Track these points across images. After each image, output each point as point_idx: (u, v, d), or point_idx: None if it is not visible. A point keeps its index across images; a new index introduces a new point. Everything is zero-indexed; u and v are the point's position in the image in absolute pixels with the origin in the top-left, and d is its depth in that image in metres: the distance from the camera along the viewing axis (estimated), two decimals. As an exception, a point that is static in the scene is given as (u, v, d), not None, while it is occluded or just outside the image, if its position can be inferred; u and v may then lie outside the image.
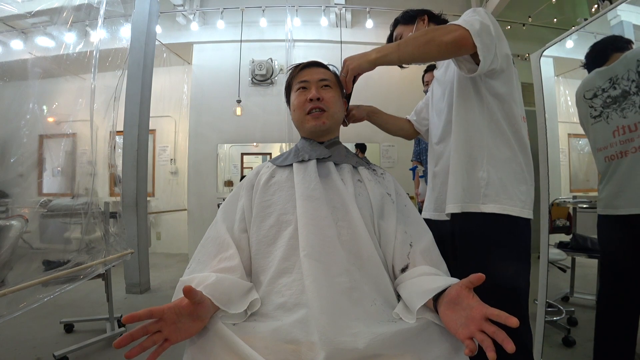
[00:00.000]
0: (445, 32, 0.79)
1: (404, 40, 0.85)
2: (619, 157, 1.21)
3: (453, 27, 0.79)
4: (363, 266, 0.70)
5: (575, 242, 2.08)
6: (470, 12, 0.85)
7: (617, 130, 1.22)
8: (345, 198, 0.75)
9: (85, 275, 1.57)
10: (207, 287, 0.60)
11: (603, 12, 1.38)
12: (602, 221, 1.29)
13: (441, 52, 0.82)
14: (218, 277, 0.64)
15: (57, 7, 1.86)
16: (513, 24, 3.94)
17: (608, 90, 1.25)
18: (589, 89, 1.32)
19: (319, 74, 0.88)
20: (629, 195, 1.18)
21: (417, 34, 0.85)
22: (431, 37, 0.80)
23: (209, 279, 0.63)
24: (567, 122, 2.84)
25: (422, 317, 0.61)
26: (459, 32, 0.78)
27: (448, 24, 0.83)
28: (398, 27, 1.11)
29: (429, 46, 0.81)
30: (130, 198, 2.70)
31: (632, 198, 1.16)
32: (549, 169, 1.41)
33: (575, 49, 2.65)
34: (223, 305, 0.60)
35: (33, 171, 1.81)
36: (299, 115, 0.86)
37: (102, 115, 1.99)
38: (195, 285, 0.58)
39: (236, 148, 4.20)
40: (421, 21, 1.08)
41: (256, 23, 3.83)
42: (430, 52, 0.82)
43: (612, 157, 1.24)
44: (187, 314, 0.56)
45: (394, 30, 1.14)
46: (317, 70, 0.89)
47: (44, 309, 1.39)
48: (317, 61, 0.92)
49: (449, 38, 0.78)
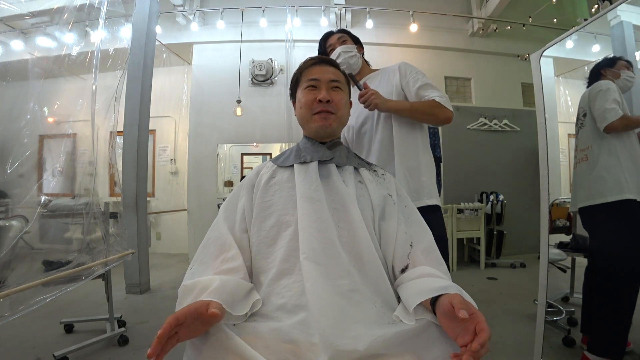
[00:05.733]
0: (440, 112, 1.14)
1: (416, 106, 1.16)
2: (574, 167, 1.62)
3: (444, 109, 1.14)
4: (363, 268, 0.70)
5: (575, 242, 2.07)
6: (422, 77, 1.21)
7: (576, 148, 1.63)
8: (346, 200, 0.75)
9: (86, 275, 1.57)
10: (213, 292, 0.60)
11: (603, 12, 1.38)
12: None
13: (434, 122, 1.20)
14: (222, 280, 0.64)
15: (58, 8, 1.86)
16: (513, 24, 3.94)
17: (578, 119, 1.63)
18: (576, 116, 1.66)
19: (330, 74, 0.87)
20: (575, 195, 1.59)
21: (425, 106, 1.15)
22: (434, 113, 1.15)
23: (212, 284, 0.63)
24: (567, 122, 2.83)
25: (422, 317, 0.61)
26: (448, 115, 1.15)
27: (437, 104, 1.14)
28: (344, 34, 1.33)
29: (430, 117, 1.17)
30: (130, 198, 2.70)
31: (578, 197, 1.57)
32: (549, 169, 1.41)
33: (575, 49, 2.65)
34: (228, 307, 0.60)
35: (33, 171, 1.81)
36: (306, 114, 0.86)
37: (103, 116, 1.99)
38: (199, 291, 0.60)
39: (236, 148, 4.20)
40: (360, 46, 1.36)
41: (256, 23, 3.83)
42: (429, 121, 1.20)
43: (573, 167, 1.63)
44: (202, 320, 0.57)
45: (334, 34, 1.33)
46: (329, 69, 0.88)
47: (44, 309, 1.39)
48: (329, 58, 0.91)
49: (443, 117, 1.15)
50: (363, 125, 1.27)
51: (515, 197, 3.75)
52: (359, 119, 1.28)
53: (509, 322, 2.06)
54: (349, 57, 1.27)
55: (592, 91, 1.51)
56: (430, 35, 4.06)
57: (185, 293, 0.65)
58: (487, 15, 3.95)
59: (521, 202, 3.72)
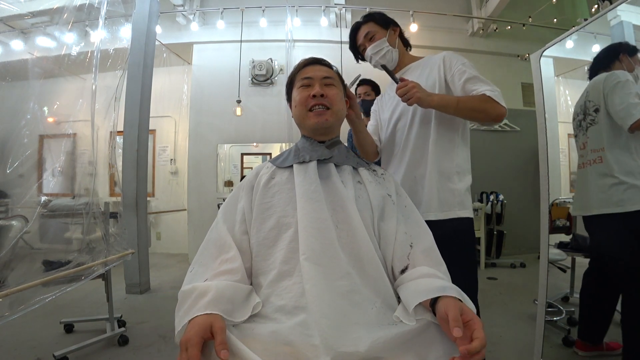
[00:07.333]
0: (492, 107, 0.98)
1: (463, 101, 1.00)
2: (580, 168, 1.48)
3: (497, 105, 0.97)
4: (363, 269, 0.70)
5: (575, 242, 2.08)
6: (470, 68, 1.04)
7: (580, 148, 1.48)
8: (345, 200, 0.75)
9: (86, 275, 1.57)
10: (212, 303, 0.60)
11: (603, 12, 1.38)
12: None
13: (485, 120, 1.01)
14: (218, 289, 0.63)
15: (58, 8, 1.86)
16: (513, 24, 3.94)
17: (578, 115, 1.49)
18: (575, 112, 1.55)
19: (323, 71, 0.87)
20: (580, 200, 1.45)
21: (474, 102, 1.00)
22: (484, 109, 0.98)
23: (209, 292, 0.62)
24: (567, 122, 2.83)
25: (422, 317, 0.61)
26: (502, 111, 0.98)
27: (489, 99, 0.97)
28: (371, 24, 1.16)
29: (479, 114, 1.00)
30: (130, 198, 2.70)
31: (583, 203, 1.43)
32: (549, 169, 1.41)
33: (575, 49, 2.65)
34: (228, 316, 0.60)
35: (33, 171, 1.81)
36: (301, 111, 0.86)
37: (103, 116, 1.99)
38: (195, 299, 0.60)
39: (236, 148, 4.20)
40: (393, 30, 1.17)
41: (256, 23, 3.83)
42: (477, 118, 1.02)
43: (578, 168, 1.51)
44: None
45: (363, 24, 1.17)
46: (321, 67, 0.89)
47: (44, 309, 1.39)
48: (320, 58, 0.91)
49: (495, 113, 0.98)
50: (398, 122, 1.15)
51: (515, 197, 3.74)
52: (394, 114, 1.16)
53: (509, 322, 2.06)
54: (380, 57, 1.14)
55: (608, 82, 1.31)
56: (430, 35, 4.05)
57: (183, 298, 0.64)
58: (487, 15, 3.95)
59: (521, 202, 3.72)
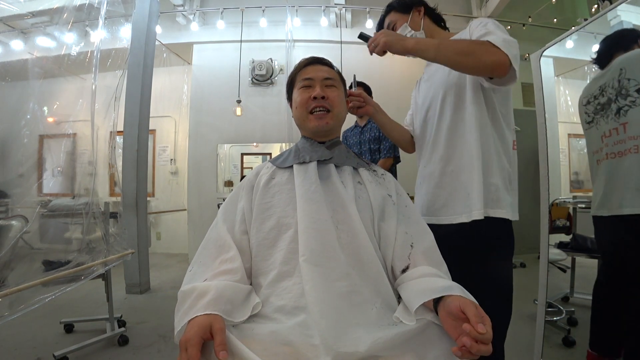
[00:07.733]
0: (486, 51, 0.79)
1: (445, 43, 0.84)
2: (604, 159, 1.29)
3: (494, 50, 0.78)
4: (363, 269, 0.70)
5: (575, 242, 2.08)
6: (491, 25, 0.86)
7: (604, 136, 1.28)
8: (345, 201, 0.75)
9: (86, 275, 1.57)
10: (211, 303, 0.60)
11: (603, 12, 1.38)
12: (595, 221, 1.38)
13: (476, 68, 0.83)
14: (218, 289, 0.63)
15: (58, 8, 1.86)
16: (513, 24, 3.94)
17: (598, 98, 1.30)
18: (585, 96, 1.37)
19: (324, 72, 0.87)
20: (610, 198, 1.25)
21: (459, 42, 0.85)
22: (472, 51, 0.80)
23: (208, 292, 0.62)
24: (567, 122, 2.84)
25: (422, 317, 0.61)
26: (499, 57, 0.77)
27: (487, 43, 0.80)
28: (391, 14, 1.07)
29: (468, 59, 0.81)
30: (130, 198, 2.70)
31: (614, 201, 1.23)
32: (549, 169, 1.41)
33: (575, 49, 2.66)
34: (228, 316, 0.60)
35: (33, 171, 1.82)
36: (301, 113, 0.85)
37: (103, 116, 1.99)
38: (194, 299, 0.61)
39: (236, 148, 4.20)
40: (417, 12, 1.04)
41: (256, 23, 3.83)
42: (467, 64, 0.82)
43: (598, 161, 1.32)
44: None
45: (385, 16, 1.09)
46: (322, 68, 0.88)
47: (44, 309, 1.39)
48: (321, 58, 0.91)
49: (489, 59, 0.78)
50: (428, 111, 1.02)
51: (515, 197, 3.74)
52: (425, 102, 1.04)
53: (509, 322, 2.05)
54: None
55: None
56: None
57: (183, 299, 0.64)
58: (487, 15, 3.94)
59: (521, 202, 3.71)
